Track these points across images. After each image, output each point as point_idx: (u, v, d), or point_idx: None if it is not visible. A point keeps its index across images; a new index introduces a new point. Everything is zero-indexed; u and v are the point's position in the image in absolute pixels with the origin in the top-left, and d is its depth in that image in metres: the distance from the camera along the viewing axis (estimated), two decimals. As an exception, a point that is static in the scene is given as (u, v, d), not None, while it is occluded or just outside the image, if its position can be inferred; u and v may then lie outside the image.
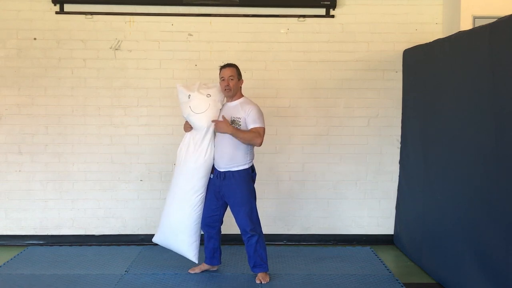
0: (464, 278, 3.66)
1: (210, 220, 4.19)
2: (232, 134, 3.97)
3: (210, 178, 4.12)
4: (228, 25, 5.10)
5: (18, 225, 5.21)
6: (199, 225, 4.19)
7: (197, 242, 4.22)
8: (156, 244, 4.99)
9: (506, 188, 3.12)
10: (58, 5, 5.04)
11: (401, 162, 5.10)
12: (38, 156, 5.15)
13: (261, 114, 4.04)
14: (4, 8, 5.05)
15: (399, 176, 5.13)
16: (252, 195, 4.12)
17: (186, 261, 4.42)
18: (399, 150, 5.13)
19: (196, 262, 4.28)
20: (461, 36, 3.85)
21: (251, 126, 3.98)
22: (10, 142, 5.14)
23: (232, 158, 4.02)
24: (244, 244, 4.19)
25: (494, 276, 3.29)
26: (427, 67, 4.42)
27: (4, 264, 4.57)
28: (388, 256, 4.85)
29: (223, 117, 4.03)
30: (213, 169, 4.12)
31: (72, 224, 5.22)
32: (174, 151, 5.08)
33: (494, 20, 3.28)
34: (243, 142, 3.99)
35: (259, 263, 4.14)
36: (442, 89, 4.06)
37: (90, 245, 5.14)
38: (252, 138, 3.97)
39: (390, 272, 4.37)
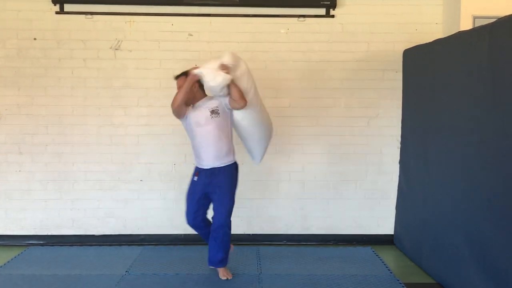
0: (464, 278, 3.66)
1: (196, 220, 4.22)
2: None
3: (194, 180, 4.14)
4: (228, 25, 5.10)
5: (18, 225, 5.21)
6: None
7: None
8: (157, 244, 5.01)
9: (506, 188, 3.12)
10: (58, 5, 5.03)
11: (401, 162, 5.10)
12: (38, 156, 5.15)
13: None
14: (4, 8, 5.04)
15: (399, 176, 5.13)
16: (233, 196, 4.14)
17: (186, 262, 4.43)
18: (399, 150, 5.13)
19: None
20: (461, 36, 3.85)
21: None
22: (10, 142, 5.14)
23: (218, 152, 4.06)
24: (244, 243, 4.21)
25: (494, 276, 3.29)
26: (427, 67, 4.42)
27: (4, 264, 4.57)
28: (388, 256, 4.85)
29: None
30: (196, 170, 4.14)
31: (72, 224, 5.22)
32: (174, 151, 5.14)
33: (494, 20, 3.29)
34: (238, 101, 3.96)
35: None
36: (442, 89, 4.06)
37: (91, 245, 5.14)
38: (239, 95, 3.97)
39: (391, 273, 4.37)
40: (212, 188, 4.10)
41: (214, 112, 4.03)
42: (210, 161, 4.07)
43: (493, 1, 4.53)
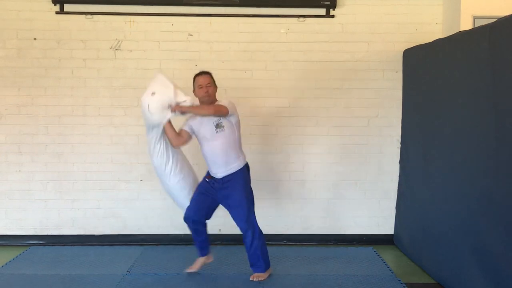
0: (464, 278, 3.66)
1: (197, 216, 4.18)
2: (188, 111, 3.98)
3: (206, 181, 4.16)
4: (228, 25, 5.11)
5: (18, 225, 5.20)
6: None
7: None
8: (158, 244, 5.00)
9: (506, 187, 3.13)
10: (58, 5, 5.03)
11: (401, 162, 5.11)
12: (38, 156, 5.15)
13: (230, 102, 4.03)
14: (4, 8, 5.04)
15: (399, 176, 5.13)
16: (249, 196, 4.13)
17: (187, 262, 4.43)
18: (399, 150, 5.14)
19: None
20: (461, 36, 3.85)
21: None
22: (10, 142, 5.14)
23: (227, 163, 4.07)
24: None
25: (494, 276, 3.29)
26: (427, 67, 4.43)
27: (6, 264, 4.57)
28: (388, 256, 4.85)
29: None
30: (209, 175, 4.16)
31: (72, 224, 5.22)
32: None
33: (494, 20, 3.29)
34: (203, 114, 3.97)
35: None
36: (442, 89, 4.07)
37: (92, 245, 5.14)
38: (201, 108, 3.97)
39: (392, 273, 4.37)
40: (227, 193, 4.10)
41: (218, 126, 4.02)
42: (220, 172, 4.09)
43: (493, 1, 4.54)
